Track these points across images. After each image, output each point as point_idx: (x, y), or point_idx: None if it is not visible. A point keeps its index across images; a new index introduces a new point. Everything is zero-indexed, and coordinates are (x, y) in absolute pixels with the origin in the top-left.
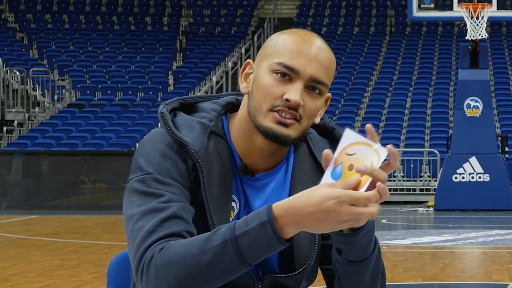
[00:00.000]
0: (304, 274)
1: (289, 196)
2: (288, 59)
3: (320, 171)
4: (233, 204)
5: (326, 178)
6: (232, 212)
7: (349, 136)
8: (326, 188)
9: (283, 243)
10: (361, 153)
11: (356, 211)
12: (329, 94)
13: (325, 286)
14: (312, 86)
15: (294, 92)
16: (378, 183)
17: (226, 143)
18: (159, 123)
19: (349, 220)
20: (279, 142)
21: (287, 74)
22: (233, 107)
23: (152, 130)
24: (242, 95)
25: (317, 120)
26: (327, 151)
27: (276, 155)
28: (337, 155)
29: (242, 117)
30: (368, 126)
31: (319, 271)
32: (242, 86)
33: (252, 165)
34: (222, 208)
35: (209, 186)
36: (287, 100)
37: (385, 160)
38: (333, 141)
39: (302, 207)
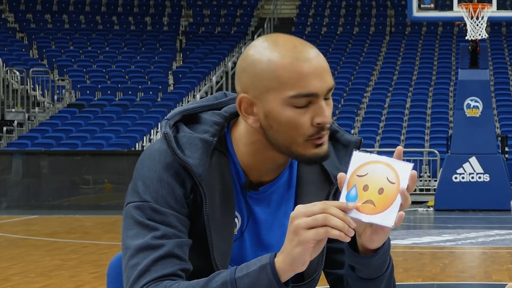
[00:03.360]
0: (312, 283)
1: (295, 204)
2: (302, 88)
3: (326, 177)
4: (235, 220)
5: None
6: (234, 228)
7: (358, 158)
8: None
9: (282, 286)
10: (373, 172)
11: (310, 233)
12: None
13: (327, 286)
14: (328, 95)
15: (322, 113)
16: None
17: (228, 159)
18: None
19: (314, 244)
20: (323, 161)
21: (307, 101)
22: (236, 115)
23: (152, 144)
24: None
25: None
26: (341, 174)
27: (284, 164)
28: (349, 179)
29: (253, 140)
30: (399, 148)
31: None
32: (250, 121)
33: (256, 178)
34: (225, 228)
35: (211, 208)
36: (319, 123)
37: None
38: (336, 143)
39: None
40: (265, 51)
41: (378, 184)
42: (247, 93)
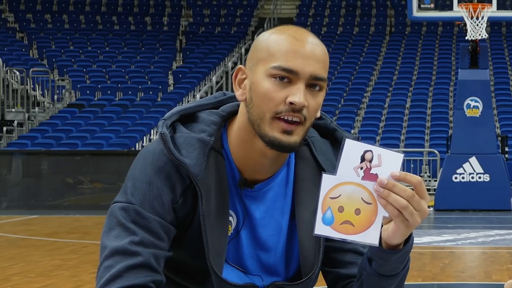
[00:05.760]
0: (309, 282)
1: (293, 201)
2: (285, 61)
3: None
4: (230, 218)
5: (319, 225)
6: (230, 226)
7: (328, 180)
8: None
9: None
10: (347, 193)
11: None
12: None
13: (325, 287)
14: (313, 83)
15: (297, 94)
16: None
17: (224, 158)
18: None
19: None
20: (285, 151)
21: (286, 76)
22: (233, 114)
23: (149, 144)
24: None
25: (318, 114)
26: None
27: (277, 160)
28: (322, 202)
29: (241, 125)
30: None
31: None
32: (238, 93)
33: (251, 176)
34: (219, 227)
35: (207, 208)
36: (291, 103)
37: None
38: (335, 142)
39: None
40: (271, 31)
41: (353, 205)
42: (245, 66)
